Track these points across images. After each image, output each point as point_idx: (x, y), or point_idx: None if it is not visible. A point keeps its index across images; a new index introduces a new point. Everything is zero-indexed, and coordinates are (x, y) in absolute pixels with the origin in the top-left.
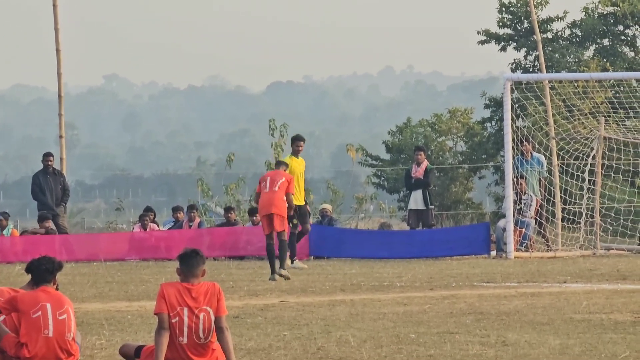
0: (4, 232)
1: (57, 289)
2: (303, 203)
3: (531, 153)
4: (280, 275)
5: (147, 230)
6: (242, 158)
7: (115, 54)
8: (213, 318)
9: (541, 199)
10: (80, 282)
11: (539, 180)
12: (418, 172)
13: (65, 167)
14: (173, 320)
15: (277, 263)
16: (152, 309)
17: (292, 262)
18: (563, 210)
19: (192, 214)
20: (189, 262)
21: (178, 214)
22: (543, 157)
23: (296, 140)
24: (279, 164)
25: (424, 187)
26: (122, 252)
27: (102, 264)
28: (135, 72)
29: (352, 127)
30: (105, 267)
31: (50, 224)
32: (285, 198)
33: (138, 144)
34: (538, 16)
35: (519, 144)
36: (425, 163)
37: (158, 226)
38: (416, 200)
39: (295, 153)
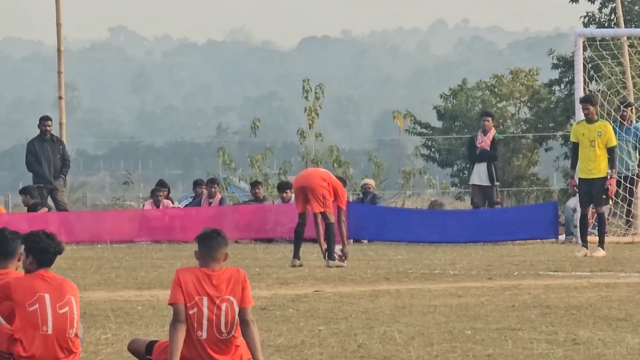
0: None
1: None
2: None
3: (631, 120)
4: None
5: (160, 207)
6: (270, 125)
7: (122, 3)
8: (237, 309)
9: (635, 177)
10: (83, 268)
11: (637, 155)
12: (484, 142)
13: (64, 134)
14: (190, 312)
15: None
16: (166, 299)
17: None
18: None
19: (212, 189)
20: (209, 243)
21: (200, 189)
22: None
23: (582, 102)
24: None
25: (490, 160)
26: (131, 233)
27: (108, 247)
28: (146, 25)
29: (397, 91)
30: (112, 250)
31: (28, 199)
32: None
33: (149, 109)
34: None
35: (619, 109)
36: (492, 132)
37: (173, 203)
38: (480, 174)
39: (586, 117)
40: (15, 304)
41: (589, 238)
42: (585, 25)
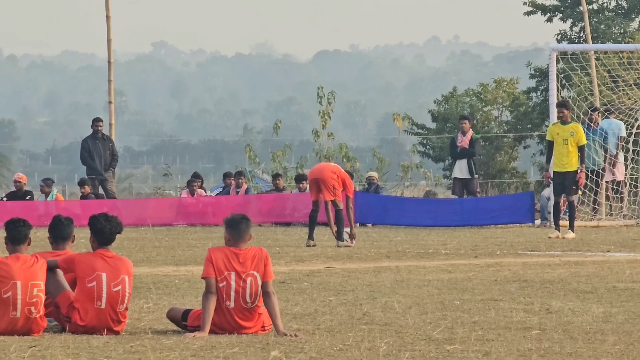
0: (48, 197)
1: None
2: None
3: (598, 123)
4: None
5: (195, 196)
6: (289, 126)
7: (163, 22)
8: (260, 283)
9: (601, 170)
10: (128, 247)
11: (602, 152)
12: (464, 141)
13: (114, 133)
14: (220, 285)
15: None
16: (200, 274)
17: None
18: (608, 181)
19: (239, 180)
20: (238, 227)
21: (229, 180)
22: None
23: (558, 106)
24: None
25: (469, 156)
26: (170, 218)
27: (150, 229)
28: (183, 40)
29: (397, 97)
30: (153, 232)
31: (87, 189)
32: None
33: (185, 111)
34: None
35: (587, 113)
36: (470, 132)
37: (205, 192)
38: (461, 169)
39: (560, 119)
40: (77, 278)
41: (560, 222)
42: (559, 41)
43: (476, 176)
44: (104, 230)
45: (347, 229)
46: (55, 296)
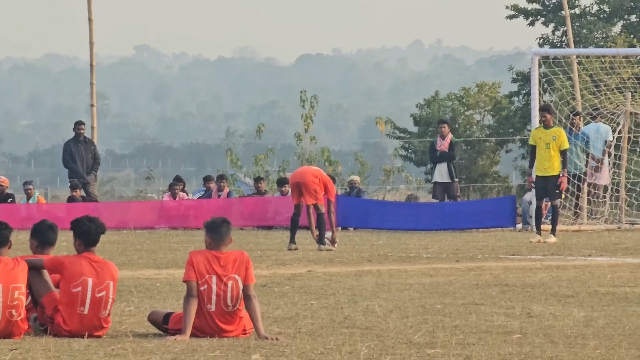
0: (30, 200)
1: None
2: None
3: (579, 127)
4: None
5: (177, 199)
6: (272, 129)
7: (146, 25)
8: (241, 286)
9: (583, 175)
10: (110, 250)
11: (584, 157)
12: (443, 145)
13: (96, 136)
14: (201, 288)
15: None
16: (181, 277)
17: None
18: (589, 184)
19: (221, 184)
20: (219, 230)
21: (209, 184)
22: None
23: (541, 110)
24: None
25: (449, 160)
26: (152, 221)
27: (132, 232)
28: (166, 43)
29: (380, 100)
30: (135, 235)
31: (78, 192)
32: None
33: (168, 115)
34: None
35: (569, 117)
36: (449, 136)
37: (187, 195)
38: (441, 173)
39: (543, 124)
40: (63, 280)
41: (542, 227)
42: (541, 45)
43: (456, 180)
44: (90, 231)
45: (329, 233)
46: (42, 296)
